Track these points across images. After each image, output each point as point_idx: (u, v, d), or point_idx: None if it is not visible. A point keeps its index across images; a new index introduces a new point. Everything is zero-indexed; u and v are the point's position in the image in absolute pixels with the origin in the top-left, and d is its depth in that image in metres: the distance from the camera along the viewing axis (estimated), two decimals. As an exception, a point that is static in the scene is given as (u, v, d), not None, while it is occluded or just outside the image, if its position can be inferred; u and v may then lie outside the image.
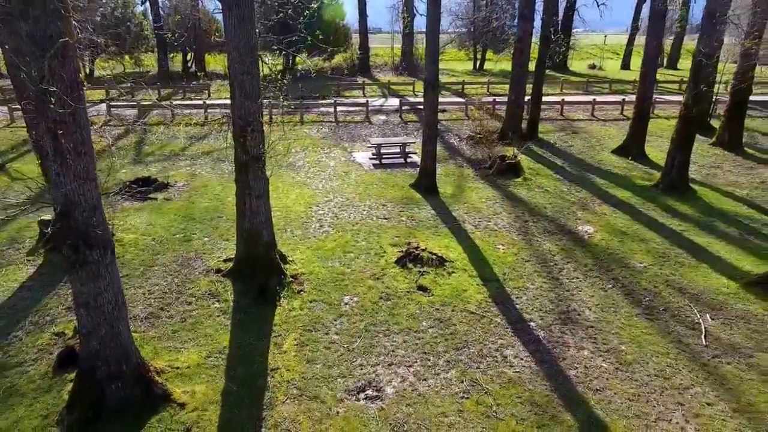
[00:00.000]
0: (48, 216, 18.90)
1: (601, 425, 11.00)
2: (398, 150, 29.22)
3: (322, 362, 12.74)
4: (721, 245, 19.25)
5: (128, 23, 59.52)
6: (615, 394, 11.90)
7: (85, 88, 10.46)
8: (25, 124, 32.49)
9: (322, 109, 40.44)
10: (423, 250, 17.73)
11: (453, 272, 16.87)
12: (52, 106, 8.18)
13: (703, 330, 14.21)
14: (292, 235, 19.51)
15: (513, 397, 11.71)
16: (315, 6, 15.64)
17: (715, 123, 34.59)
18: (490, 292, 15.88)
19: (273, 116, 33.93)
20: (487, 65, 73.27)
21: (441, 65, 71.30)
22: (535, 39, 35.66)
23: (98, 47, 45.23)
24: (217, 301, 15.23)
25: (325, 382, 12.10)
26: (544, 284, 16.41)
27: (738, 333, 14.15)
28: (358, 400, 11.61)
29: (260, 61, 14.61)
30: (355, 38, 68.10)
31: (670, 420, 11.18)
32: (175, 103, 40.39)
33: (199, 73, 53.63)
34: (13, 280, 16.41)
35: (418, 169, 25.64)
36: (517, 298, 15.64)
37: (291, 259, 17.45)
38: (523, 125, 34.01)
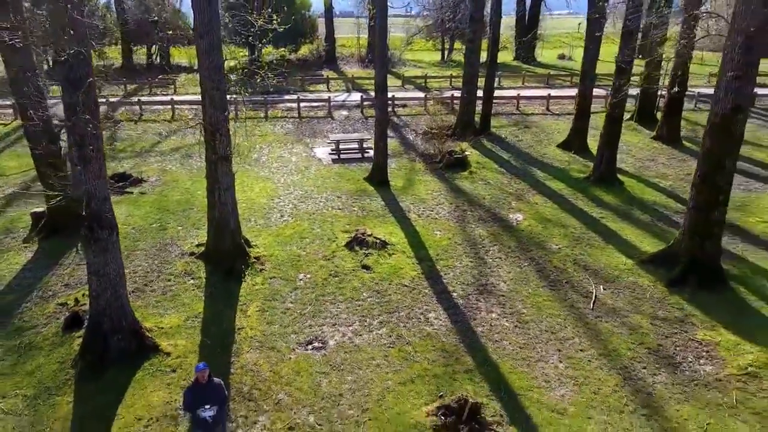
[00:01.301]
0: (40, 208, 22.85)
1: (493, 364, 15.27)
2: (356, 146, 33.37)
3: (278, 323, 16.88)
4: (631, 230, 23.67)
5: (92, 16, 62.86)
6: (509, 344, 16.18)
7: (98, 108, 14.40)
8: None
9: (287, 104, 44.36)
10: (369, 235, 21.93)
11: (393, 254, 21.09)
12: (89, 128, 12.21)
13: (594, 298, 18.54)
14: (255, 223, 23.60)
15: (428, 347, 15.94)
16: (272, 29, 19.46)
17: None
18: (422, 270, 20.12)
19: (238, 113, 37.86)
20: (456, 55, 77.52)
21: (409, 56, 75.52)
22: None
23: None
24: (192, 278, 19.30)
25: (281, 337, 16.24)
26: (470, 263, 20.69)
27: (622, 300, 18.51)
28: (307, 350, 15.77)
29: (227, 78, 18.68)
30: (322, 25, 71.58)
31: (548, 361, 15.48)
32: (142, 99, 44.17)
33: (167, 73, 57.31)
34: (15, 263, 20.34)
35: (373, 163, 29.82)
36: (445, 274, 19.88)
37: (254, 243, 21.55)
38: (479, 119, 38.30)
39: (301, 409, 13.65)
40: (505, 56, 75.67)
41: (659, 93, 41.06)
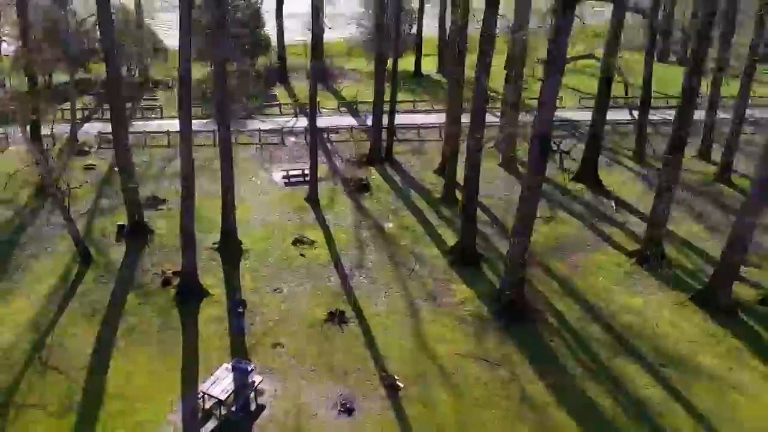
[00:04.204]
0: (121, 221, 46.63)
1: (355, 298, 39.39)
2: (300, 173, 57.21)
3: (260, 282, 41.04)
4: (450, 233, 48.08)
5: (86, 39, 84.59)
6: (365, 290, 40.36)
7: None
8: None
9: (249, 131, 67.97)
10: (305, 237, 46.15)
11: (317, 248, 45.34)
12: (189, 190, 36.23)
13: (412, 270, 43.02)
14: (242, 230, 47.45)
15: (328, 291, 40.12)
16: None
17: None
18: (331, 255, 44.42)
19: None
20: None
21: (349, 65, 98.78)
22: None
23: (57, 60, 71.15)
24: (214, 261, 43.32)
25: (261, 288, 40.37)
26: (356, 252, 45.01)
27: (424, 271, 42.88)
28: (273, 293, 39.89)
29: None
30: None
31: (379, 297, 39.72)
32: (137, 123, 67.54)
33: (151, 89, 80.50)
34: (119, 253, 44.18)
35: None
36: (343, 257, 44.11)
37: (243, 242, 45.58)
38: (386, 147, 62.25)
39: (273, 312, 38.04)
40: (433, 64, 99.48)
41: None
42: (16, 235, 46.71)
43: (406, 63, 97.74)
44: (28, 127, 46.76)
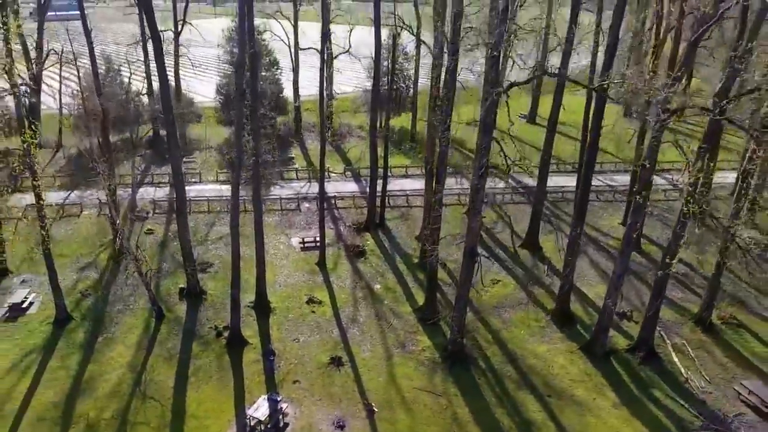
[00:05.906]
0: (181, 284, 65.63)
1: (348, 345, 57.93)
2: (312, 239, 75.89)
3: (283, 332, 59.46)
4: (420, 293, 66.51)
5: (133, 105, 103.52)
6: (357, 339, 58.63)
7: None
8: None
9: (272, 197, 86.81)
10: (314, 296, 64.93)
11: (323, 306, 64.07)
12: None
13: (390, 324, 61.73)
14: (269, 290, 66.22)
15: (331, 341, 58.37)
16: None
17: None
18: (333, 311, 62.81)
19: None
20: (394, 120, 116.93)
21: (353, 121, 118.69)
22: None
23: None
24: (251, 317, 62.00)
25: (285, 337, 58.78)
26: (352, 307, 63.40)
27: (398, 324, 61.20)
28: (293, 342, 58.54)
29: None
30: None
31: (366, 345, 58.38)
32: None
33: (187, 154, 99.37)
34: (183, 310, 63.00)
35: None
36: (341, 313, 62.53)
37: (270, 300, 64.39)
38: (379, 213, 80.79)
39: (293, 357, 56.84)
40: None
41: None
42: (105, 295, 65.40)
43: (404, 120, 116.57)
44: (112, 198, 65.06)
